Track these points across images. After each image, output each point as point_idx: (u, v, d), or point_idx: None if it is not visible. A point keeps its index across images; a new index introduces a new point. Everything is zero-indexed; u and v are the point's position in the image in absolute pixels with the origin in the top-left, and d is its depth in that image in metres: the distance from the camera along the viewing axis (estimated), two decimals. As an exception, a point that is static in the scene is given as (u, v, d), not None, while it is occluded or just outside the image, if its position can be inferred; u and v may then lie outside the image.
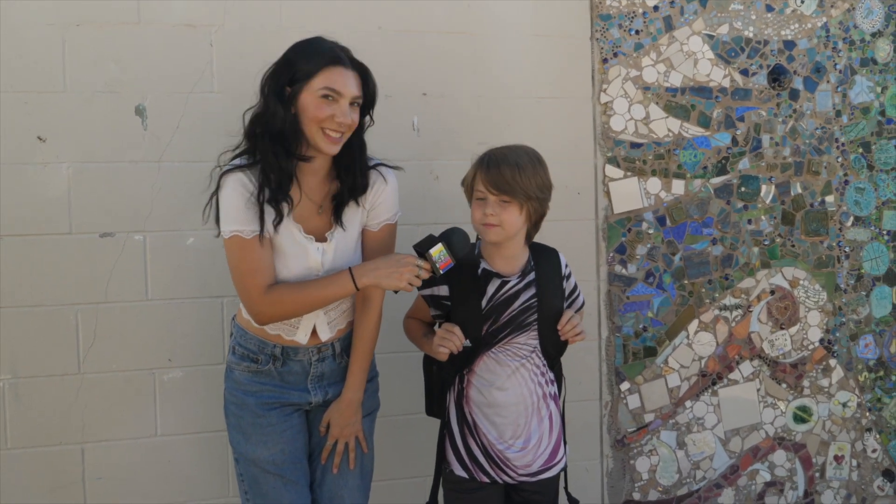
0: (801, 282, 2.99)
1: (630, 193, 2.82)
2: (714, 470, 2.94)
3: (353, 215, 1.99)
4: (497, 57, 2.69)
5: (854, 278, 3.04)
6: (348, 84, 1.86)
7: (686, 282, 2.88)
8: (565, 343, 2.11)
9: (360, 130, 1.97)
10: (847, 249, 3.03)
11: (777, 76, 2.93)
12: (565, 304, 2.16)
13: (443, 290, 2.09)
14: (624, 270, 2.83)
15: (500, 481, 2.08)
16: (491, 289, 2.06)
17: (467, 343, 2.03)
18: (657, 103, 2.84)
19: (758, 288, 2.95)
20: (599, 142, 2.80)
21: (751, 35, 2.92)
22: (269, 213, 1.86)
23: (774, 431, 2.98)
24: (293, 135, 1.86)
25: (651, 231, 2.85)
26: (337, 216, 1.96)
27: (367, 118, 2.00)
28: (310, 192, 1.94)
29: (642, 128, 2.83)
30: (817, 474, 3.03)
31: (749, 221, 2.94)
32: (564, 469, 2.16)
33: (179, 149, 2.43)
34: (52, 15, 2.33)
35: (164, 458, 2.45)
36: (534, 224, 2.09)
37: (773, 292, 2.96)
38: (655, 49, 2.83)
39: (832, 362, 3.03)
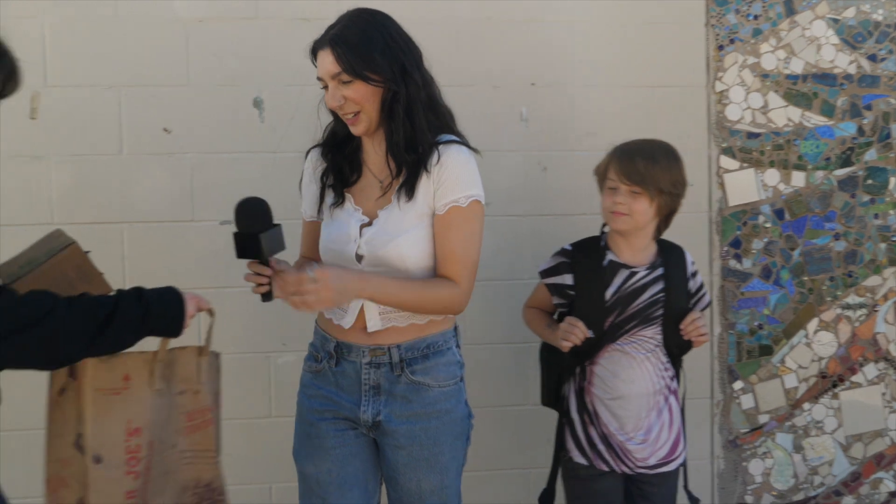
0: (933, 281, 2.80)
1: (746, 185, 2.71)
2: (833, 476, 2.79)
3: (420, 195, 1.79)
4: (607, 45, 2.63)
5: None
6: (322, 66, 1.81)
7: (805, 278, 2.75)
8: (689, 343, 2.07)
9: (385, 103, 1.77)
10: None
11: (909, 62, 2.76)
12: (691, 303, 2.13)
13: (567, 279, 2.09)
14: (738, 265, 2.72)
15: (619, 471, 2.05)
16: (618, 280, 2.04)
17: (590, 334, 2.00)
18: (776, 91, 2.71)
19: (885, 286, 2.78)
20: (714, 132, 2.70)
21: (880, 18, 2.75)
22: (329, 195, 1.92)
23: (901, 439, 2.81)
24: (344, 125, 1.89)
25: (768, 225, 2.73)
26: (409, 188, 1.78)
27: (394, 86, 1.76)
28: (374, 167, 1.88)
29: (760, 117, 2.71)
30: (948, 487, 2.84)
31: (875, 216, 2.77)
32: (684, 466, 2.11)
33: (293, 140, 2.48)
34: (177, 12, 2.44)
35: (276, 438, 2.50)
36: (664, 219, 2.08)
37: (901, 291, 2.79)
38: (775, 35, 2.71)
39: (967, 367, 2.83)
